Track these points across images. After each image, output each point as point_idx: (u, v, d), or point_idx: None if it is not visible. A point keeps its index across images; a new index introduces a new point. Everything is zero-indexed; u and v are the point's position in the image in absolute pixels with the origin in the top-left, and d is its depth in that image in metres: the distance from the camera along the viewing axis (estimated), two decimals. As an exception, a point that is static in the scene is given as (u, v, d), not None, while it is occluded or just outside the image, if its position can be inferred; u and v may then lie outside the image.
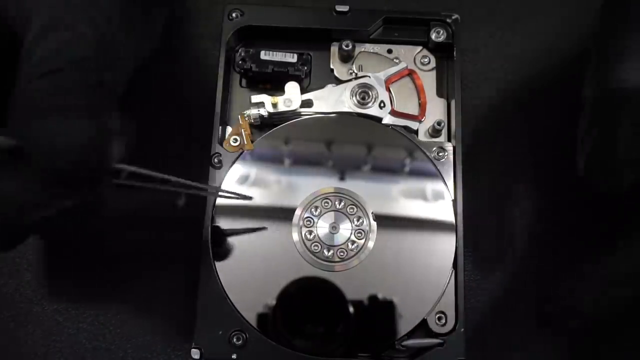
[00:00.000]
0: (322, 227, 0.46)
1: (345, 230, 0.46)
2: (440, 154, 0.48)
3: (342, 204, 0.47)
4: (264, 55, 0.48)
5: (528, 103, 0.52)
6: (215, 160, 0.47)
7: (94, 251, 0.48)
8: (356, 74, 0.49)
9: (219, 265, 0.45)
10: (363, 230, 0.46)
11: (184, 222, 0.49)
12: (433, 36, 0.50)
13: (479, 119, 0.52)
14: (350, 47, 0.49)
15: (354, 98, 0.48)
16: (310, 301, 0.46)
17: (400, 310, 0.44)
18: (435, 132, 0.48)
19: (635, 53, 0.37)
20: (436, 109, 0.49)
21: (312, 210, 0.46)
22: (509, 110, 0.52)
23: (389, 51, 0.51)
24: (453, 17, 0.50)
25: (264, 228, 0.46)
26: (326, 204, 0.47)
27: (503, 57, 0.53)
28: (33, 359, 0.46)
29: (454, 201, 0.47)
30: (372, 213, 0.46)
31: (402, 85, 0.49)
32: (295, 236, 0.46)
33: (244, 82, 0.50)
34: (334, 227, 0.46)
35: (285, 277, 0.45)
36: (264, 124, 0.48)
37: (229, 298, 0.44)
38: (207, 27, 0.53)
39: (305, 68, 0.49)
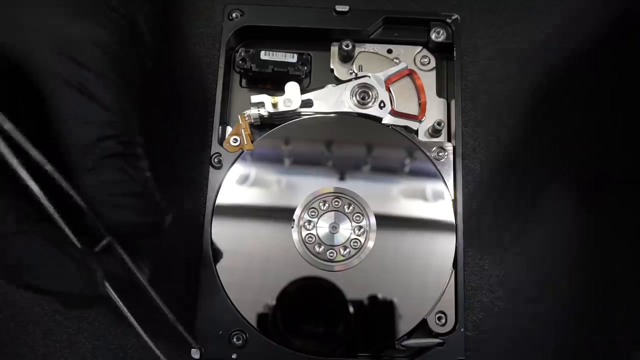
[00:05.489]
0: (322, 227, 0.46)
1: (345, 230, 0.46)
2: (440, 154, 0.48)
3: (342, 203, 0.47)
4: (264, 55, 0.48)
5: (528, 103, 0.52)
6: (215, 160, 0.47)
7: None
8: (356, 74, 0.49)
9: (219, 265, 0.45)
10: (363, 230, 0.46)
11: (184, 222, 0.49)
12: (433, 36, 0.50)
13: (479, 119, 0.51)
14: (350, 47, 0.49)
15: (354, 98, 0.48)
16: (310, 301, 0.46)
17: (400, 310, 0.44)
18: (435, 132, 0.48)
19: None
20: (436, 109, 0.49)
21: (312, 210, 0.46)
22: (509, 110, 0.52)
23: (389, 51, 0.51)
24: (453, 17, 0.50)
25: (264, 228, 0.46)
26: (326, 204, 0.47)
27: (503, 57, 0.53)
28: (33, 359, 0.46)
29: (454, 201, 0.47)
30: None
31: (402, 85, 0.49)
32: (295, 236, 0.46)
33: (244, 82, 0.50)
34: (334, 227, 0.46)
35: (285, 277, 0.45)
36: (264, 124, 0.48)
37: (229, 298, 0.44)
38: (207, 27, 0.53)
39: (305, 68, 0.48)
